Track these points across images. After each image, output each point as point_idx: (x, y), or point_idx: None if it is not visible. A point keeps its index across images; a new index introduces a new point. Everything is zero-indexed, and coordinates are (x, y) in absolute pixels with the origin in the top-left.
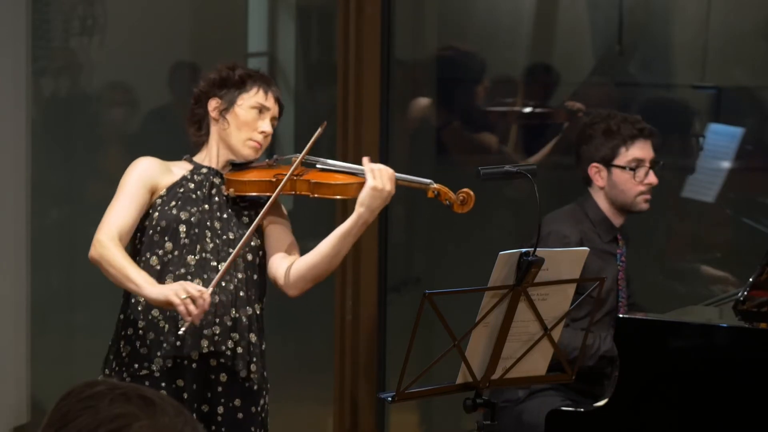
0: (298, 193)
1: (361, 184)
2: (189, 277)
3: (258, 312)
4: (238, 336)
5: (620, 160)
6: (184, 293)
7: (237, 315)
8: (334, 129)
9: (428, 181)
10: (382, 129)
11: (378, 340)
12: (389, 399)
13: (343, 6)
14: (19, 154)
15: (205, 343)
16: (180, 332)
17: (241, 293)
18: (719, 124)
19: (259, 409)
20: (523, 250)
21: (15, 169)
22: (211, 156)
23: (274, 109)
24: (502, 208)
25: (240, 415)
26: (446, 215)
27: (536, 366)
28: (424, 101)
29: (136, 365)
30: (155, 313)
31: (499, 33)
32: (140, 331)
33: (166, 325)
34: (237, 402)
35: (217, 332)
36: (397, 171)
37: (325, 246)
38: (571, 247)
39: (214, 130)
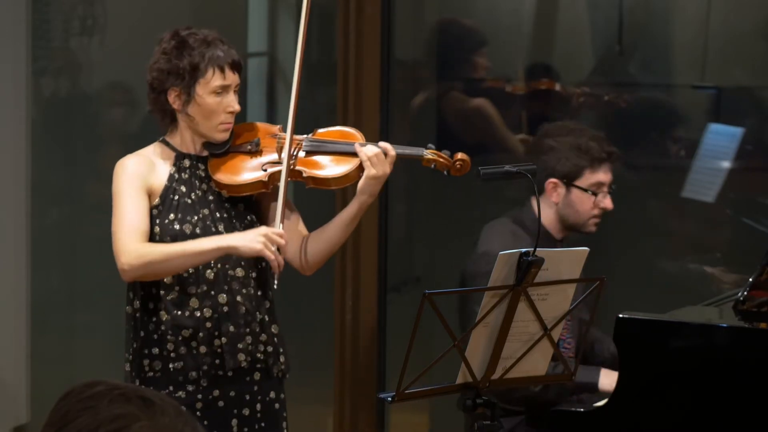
0: (293, 180)
1: (359, 167)
2: (213, 293)
3: (271, 296)
4: (266, 336)
5: (583, 181)
6: (273, 244)
7: (261, 316)
8: None
9: (422, 151)
10: (382, 129)
11: (378, 340)
12: (389, 399)
13: (343, 6)
14: (19, 154)
15: (242, 356)
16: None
17: (259, 292)
18: (719, 124)
19: (284, 394)
20: (523, 250)
21: (15, 169)
22: (185, 141)
23: (235, 78)
24: (503, 208)
25: (276, 405)
26: (447, 215)
27: (536, 366)
28: (422, 96)
29: (171, 387)
30: (186, 333)
31: (499, 33)
32: (171, 353)
33: (201, 346)
34: (272, 394)
35: (250, 341)
36: (397, 170)
37: (333, 233)
38: None
39: (180, 117)
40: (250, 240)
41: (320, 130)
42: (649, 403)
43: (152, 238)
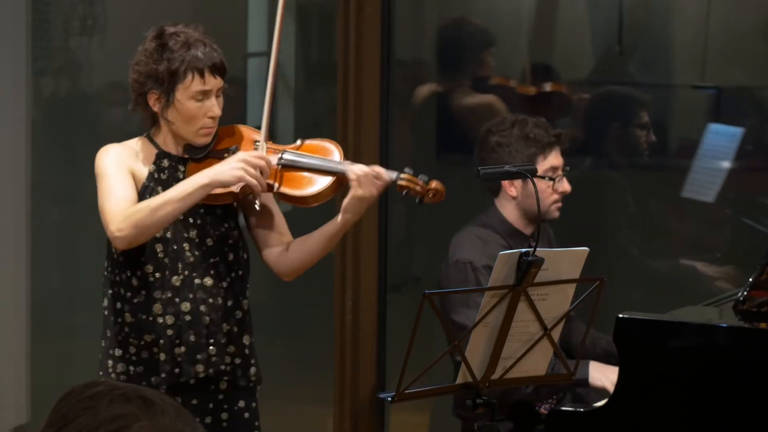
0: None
1: (335, 184)
2: (177, 300)
3: (245, 306)
4: (234, 348)
5: (537, 169)
6: (253, 168)
7: (229, 327)
8: (334, 129)
9: (394, 175)
10: (382, 129)
11: (378, 340)
12: (389, 399)
13: (343, 6)
14: (19, 154)
15: (201, 367)
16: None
17: (229, 302)
18: (719, 124)
19: (256, 403)
20: (523, 250)
21: (15, 169)
22: (168, 141)
23: (217, 82)
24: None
25: (246, 415)
26: (446, 215)
27: (536, 366)
28: (427, 87)
29: None
30: (148, 338)
31: (499, 33)
32: (133, 356)
33: (161, 353)
34: (241, 404)
35: (213, 353)
36: (396, 170)
37: (315, 245)
38: (477, 273)
39: (162, 120)
40: (231, 167)
41: (306, 142)
42: (649, 403)
43: None
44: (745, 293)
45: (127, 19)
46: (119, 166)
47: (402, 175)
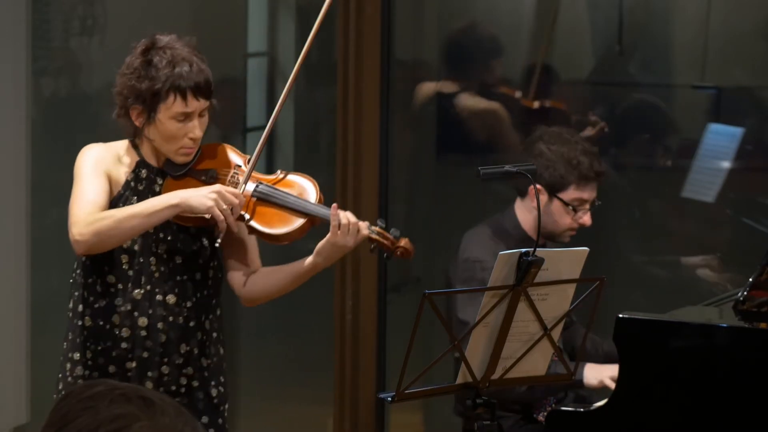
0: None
1: (306, 225)
2: (135, 313)
3: (208, 327)
4: (191, 369)
5: (566, 195)
6: (225, 203)
7: (188, 348)
8: (334, 129)
9: (367, 229)
10: (382, 129)
11: (378, 340)
12: (389, 399)
13: (343, 6)
14: (19, 154)
15: (149, 385)
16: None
17: (191, 323)
18: (719, 124)
19: (223, 420)
20: (523, 250)
21: (15, 169)
22: (149, 152)
23: (199, 105)
24: (503, 209)
25: (211, 431)
26: (446, 215)
27: (536, 366)
28: (429, 85)
29: None
30: (103, 345)
31: (499, 33)
32: (89, 362)
33: (111, 365)
34: (204, 419)
35: (166, 372)
36: (397, 171)
37: (283, 279)
38: (486, 274)
39: (144, 133)
40: (202, 196)
41: (288, 177)
42: (649, 403)
43: None
44: (745, 293)
45: (127, 19)
46: (97, 168)
47: (373, 228)
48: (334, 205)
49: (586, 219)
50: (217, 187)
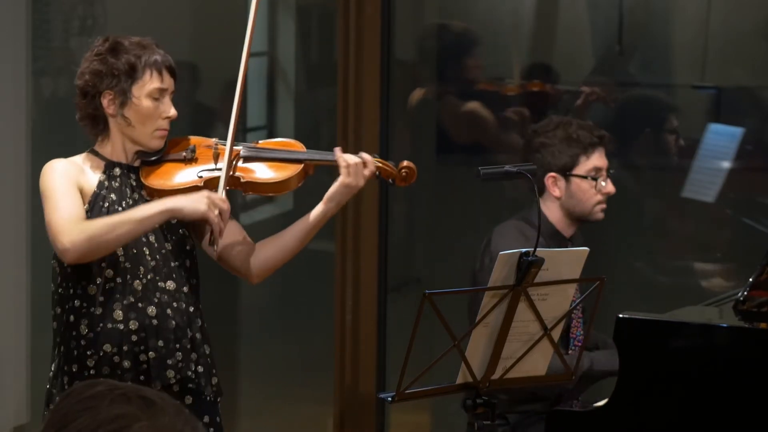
0: (231, 188)
1: (302, 173)
2: (140, 305)
3: (201, 314)
4: (196, 355)
5: (580, 169)
6: (216, 208)
7: (192, 333)
8: (334, 129)
9: (374, 165)
10: (382, 129)
11: (378, 340)
12: (389, 399)
13: (343, 6)
14: (19, 154)
15: (171, 373)
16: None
17: (191, 308)
18: (719, 124)
19: (219, 417)
20: (523, 250)
21: (15, 169)
22: (116, 150)
23: (172, 83)
24: (502, 208)
25: (211, 430)
26: (446, 215)
27: (536, 366)
28: (419, 92)
29: None
30: (108, 348)
31: (499, 33)
32: (92, 371)
33: (125, 361)
34: (206, 419)
35: (180, 358)
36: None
37: (290, 239)
38: None
39: (113, 124)
40: (195, 200)
41: (260, 142)
42: (649, 403)
43: None
44: (745, 293)
45: (127, 19)
46: (66, 181)
47: (375, 160)
48: (337, 148)
49: (609, 187)
50: (206, 192)
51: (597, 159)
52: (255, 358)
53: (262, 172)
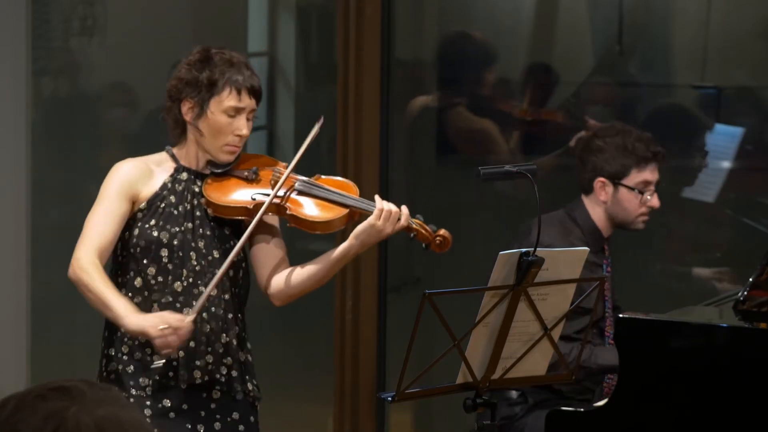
0: (277, 215)
1: (346, 217)
2: (177, 305)
3: (242, 322)
4: (231, 359)
5: (630, 180)
6: (163, 324)
7: (228, 339)
8: (334, 129)
9: (407, 221)
10: (382, 129)
11: (378, 340)
12: (389, 399)
13: (343, 6)
14: (19, 154)
15: (198, 374)
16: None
17: (230, 315)
18: (719, 124)
19: (256, 418)
20: (523, 250)
21: (15, 169)
22: (190, 155)
23: (251, 103)
24: (503, 208)
25: (241, 428)
26: (446, 215)
27: (536, 366)
28: (422, 99)
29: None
30: (143, 339)
31: (499, 33)
32: (125, 356)
33: (155, 355)
34: (235, 415)
35: (210, 361)
36: (397, 171)
37: (315, 270)
38: None
39: (190, 131)
40: (144, 321)
41: (322, 177)
42: (649, 402)
43: (128, 241)
44: (745, 293)
45: (127, 19)
46: (120, 192)
47: (413, 220)
48: (377, 195)
49: (655, 201)
50: (166, 318)
51: (648, 173)
52: (255, 358)
53: (309, 208)
